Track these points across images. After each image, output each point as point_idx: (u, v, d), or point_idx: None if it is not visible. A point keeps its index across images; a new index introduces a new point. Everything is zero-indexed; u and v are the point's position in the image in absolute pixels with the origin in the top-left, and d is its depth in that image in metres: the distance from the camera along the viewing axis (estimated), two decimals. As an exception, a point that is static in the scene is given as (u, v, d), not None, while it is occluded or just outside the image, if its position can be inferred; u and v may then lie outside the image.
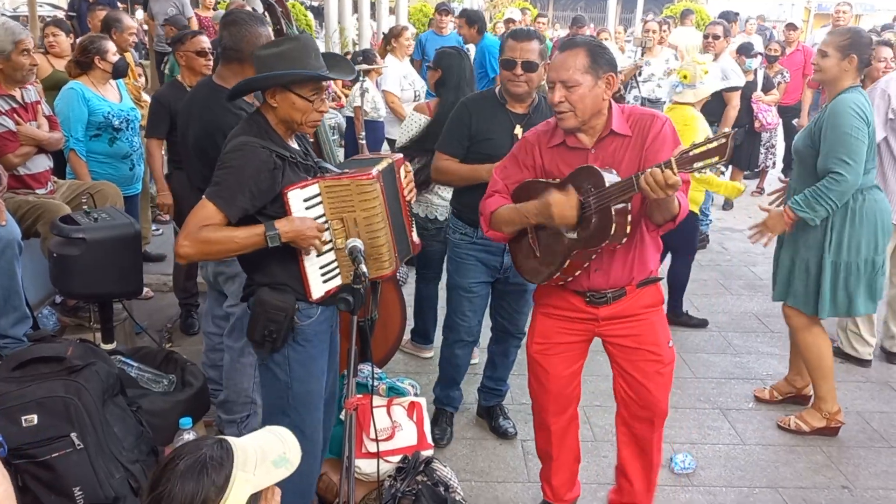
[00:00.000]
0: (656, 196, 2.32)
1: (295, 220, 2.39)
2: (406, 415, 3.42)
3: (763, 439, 3.87)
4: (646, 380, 2.84)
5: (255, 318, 2.51)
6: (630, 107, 2.72)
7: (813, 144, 3.59)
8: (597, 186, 2.46)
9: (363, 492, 3.16)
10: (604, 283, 2.74)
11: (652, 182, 2.29)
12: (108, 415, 2.78)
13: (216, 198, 2.34)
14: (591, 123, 2.61)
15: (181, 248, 2.34)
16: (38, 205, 3.96)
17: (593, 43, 2.62)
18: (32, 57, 4.07)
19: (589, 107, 2.55)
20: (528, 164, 2.76)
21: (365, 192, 2.46)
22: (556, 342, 2.91)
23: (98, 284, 3.56)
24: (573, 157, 2.65)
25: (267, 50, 2.44)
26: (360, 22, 13.35)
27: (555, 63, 2.59)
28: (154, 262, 5.69)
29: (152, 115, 4.44)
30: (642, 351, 2.82)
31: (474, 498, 3.33)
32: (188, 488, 1.42)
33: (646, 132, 2.61)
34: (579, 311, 2.83)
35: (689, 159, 2.27)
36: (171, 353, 3.56)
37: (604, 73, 2.54)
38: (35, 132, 4.07)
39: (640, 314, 2.82)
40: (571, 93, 2.52)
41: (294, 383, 2.59)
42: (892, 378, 4.52)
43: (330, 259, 2.52)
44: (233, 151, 2.37)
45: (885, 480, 3.54)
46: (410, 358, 4.65)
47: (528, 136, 2.81)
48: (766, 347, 4.92)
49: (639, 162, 2.58)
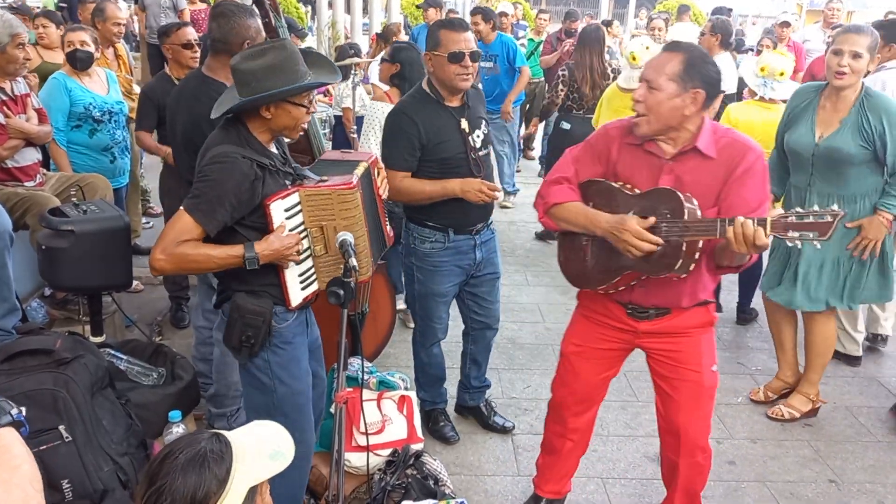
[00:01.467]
0: (739, 251, 2.25)
1: (274, 241, 2.36)
2: (396, 408, 3.43)
3: (751, 433, 3.89)
4: (678, 402, 2.73)
5: (231, 323, 2.48)
6: (725, 128, 2.56)
7: (868, 144, 3.53)
8: (674, 214, 2.35)
9: (353, 485, 3.16)
10: (644, 300, 2.63)
11: (741, 236, 2.21)
12: (97, 407, 2.77)
13: (195, 211, 2.29)
14: (671, 135, 2.48)
15: (156, 262, 2.29)
16: (27, 197, 3.93)
17: (696, 53, 2.46)
18: (27, 51, 4.05)
19: (664, 115, 2.42)
20: (604, 156, 2.61)
21: (346, 201, 2.46)
22: (593, 347, 2.81)
23: (87, 277, 3.55)
24: (648, 163, 2.52)
25: (253, 62, 2.35)
26: (352, 16, 13.31)
27: (651, 61, 2.50)
28: (144, 256, 5.64)
29: (140, 108, 4.42)
30: (681, 369, 2.70)
31: (464, 491, 3.33)
32: (190, 481, 1.41)
33: (735, 161, 2.45)
34: (619, 322, 2.73)
35: (787, 226, 2.19)
36: (161, 347, 3.56)
37: (693, 87, 2.39)
38: (24, 125, 4.04)
39: (684, 333, 2.69)
40: (651, 95, 2.42)
41: (277, 386, 2.57)
42: (879, 373, 4.55)
43: (308, 266, 2.52)
44: (213, 164, 2.31)
45: (872, 474, 3.57)
46: (401, 352, 4.64)
47: (611, 129, 2.65)
48: (756, 342, 4.95)
49: (718, 190, 2.45)
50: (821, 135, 3.63)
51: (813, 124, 3.67)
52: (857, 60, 3.47)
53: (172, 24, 4.64)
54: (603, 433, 3.80)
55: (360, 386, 3.25)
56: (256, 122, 2.42)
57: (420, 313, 3.60)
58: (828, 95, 3.64)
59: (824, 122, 3.64)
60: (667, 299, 2.62)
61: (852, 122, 3.55)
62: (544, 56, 9.05)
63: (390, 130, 3.28)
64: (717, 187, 2.46)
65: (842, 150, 3.57)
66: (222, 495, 1.42)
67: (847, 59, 3.48)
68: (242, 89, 2.37)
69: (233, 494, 1.43)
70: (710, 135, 2.49)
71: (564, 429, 2.99)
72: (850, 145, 3.55)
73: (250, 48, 2.49)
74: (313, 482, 3.16)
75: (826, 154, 3.62)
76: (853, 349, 4.60)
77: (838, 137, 3.57)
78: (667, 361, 2.73)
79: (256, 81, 2.34)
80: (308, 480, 2.98)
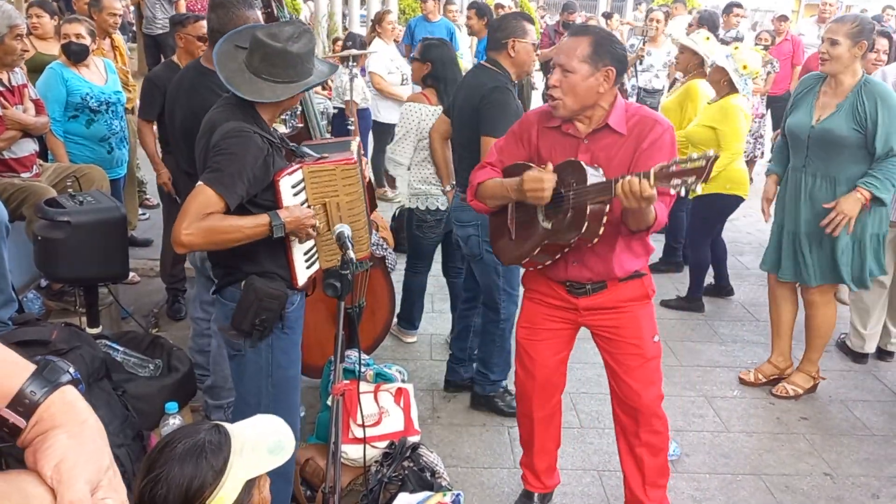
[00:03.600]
0: (629, 205, 2.34)
1: (294, 209, 2.37)
2: (393, 401, 3.43)
3: (747, 427, 3.90)
4: (626, 373, 2.83)
5: (245, 306, 2.44)
6: (637, 106, 2.69)
7: (861, 128, 3.65)
8: (579, 182, 2.47)
9: (350, 477, 3.16)
10: (580, 275, 2.74)
11: (628, 190, 2.30)
12: (93, 399, 2.76)
13: (217, 184, 2.25)
14: (587, 114, 2.60)
15: (185, 237, 2.21)
16: (24, 188, 3.92)
17: (602, 34, 2.59)
18: (24, 42, 4.03)
19: (581, 96, 2.53)
20: (525, 141, 2.75)
21: (349, 176, 2.48)
22: (541, 328, 2.91)
23: (83, 268, 3.54)
24: (566, 144, 2.65)
25: (298, 45, 2.36)
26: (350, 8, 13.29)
27: (561, 45, 2.62)
28: (141, 247, 5.65)
29: (145, 95, 4.36)
30: (623, 343, 2.82)
31: (460, 483, 3.34)
32: (187, 471, 1.42)
33: (643, 135, 2.57)
34: (561, 300, 2.84)
35: (668, 174, 2.26)
36: (157, 338, 3.55)
37: (604, 65, 2.51)
38: (21, 116, 4.03)
39: (622, 307, 2.80)
40: (566, 78, 2.52)
41: (275, 371, 2.57)
42: (875, 367, 4.56)
43: (311, 245, 2.54)
44: (231, 137, 2.30)
45: (867, 468, 3.58)
46: (398, 345, 4.65)
47: (530, 115, 2.81)
48: (752, 336, 4.96)
49: (629, 163, 2.56)
50: (818, 118, 3.80)
51: (812, 108, 3.84)
52: (835, 47, 3.66)
53: (189, 15, 4.61)
54: (599, 426, 3.81)
55: (357, 378, 3.25)
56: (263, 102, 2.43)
57: (505, 286, 3.68)
58: (828, 82, 3.82)
59: (822, 107, 3.81)
60: (600, 272, 2.72)
61: (848, 106, 3.70)
62: (542, 49, 9.03)
63: (501, 104, 3.41)
64: (629, 160, 2.57)
65: (834, 132, 3.72)
66: (218, 487, 1.42)
67: (826, 45, 3.70)
68: (288, 71, 2.36)
69: (228, 486, 1.43)
70: (621, 112, 2.61)
71: (532, 422, 3.05)
72: (842, 128, 3.69)
73: (277, 27, 2.44)
74: (310, 474, 3.17)
75: (820, 135, 3.77)
76: (859, 345, 4.59)
77: (833, 120, 3.73)
78: (610, 336, 2.84)
79: (302, 64, 2.37)
80: (302, 469, 2.99)
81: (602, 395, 4.00)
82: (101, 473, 0.98)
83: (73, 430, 0.99)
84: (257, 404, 2.57)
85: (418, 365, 4.39)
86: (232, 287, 2.52)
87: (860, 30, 3.65)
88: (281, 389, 2.61)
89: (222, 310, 2.60)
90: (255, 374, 2.58)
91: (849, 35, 3.64)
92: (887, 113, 3.60)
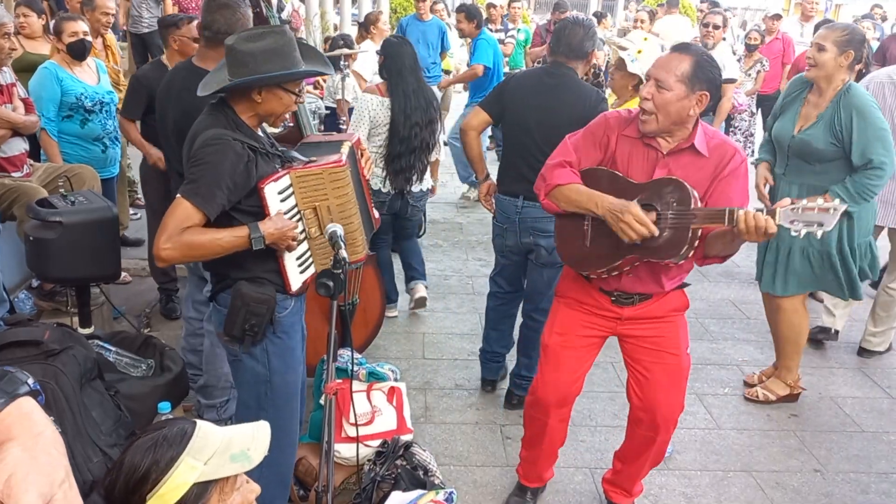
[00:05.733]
0: (748, 239, 2.36)
1: (276, 220, 2.35)
2: (386, 400, 3.44)
3: (738, 424, 3.92)
4: (657, 384, 2.80)
5: (234, 312, 2.44)
6: (713, 130, 2.69)
7: (838, 142, 3.60)
8: (681, 203, 2.44)
9: (343, 476, 3.17)
10: (631, 287, 2.71)
11: (752, 224, 2.32)
12: (86, 399, 2.76)
13: (194, 196, 2.25)
14: (672, 131, 2.57)
15: (163, 252, 2.23)
16: (14, 188, 3.91)
17: (704, 56, 2.55)
18: (12, 41, 4.02)
19: (672, 115, 2.51)
20: (603, 144, 2.69)
21: (337, 178, 2.45)
22: (576, 335, 2.86)
23: (75, 268, 3.53)
24: (645, 155, 2.62)
25: (254, 44, 2.33)
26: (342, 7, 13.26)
27: (659, 60, 2.58)
28: (132, 247, 5.63)
29: (130, 94, 4.33)
30: (661, 353, 2.79)
31: (453, 482, 3.35)
32: (135, 460, 1.42)
33: (725, 161, 2.57)
34: (603, 309, 2.80)
35: (793, 218, 2.30)
36: (150, 338, 3.55)
37: (699, 89, 2.49)
38: (10, 115, 4.01)
39: (664, 317, 2.78)
40: (660, 94, 2.49)
41: (273, 377, 2.56)
42: (864, 364, 4.59)
43: (304, 249, 2.51)
44: (206, 146, 2.28)
45: (856, 464, 3.61)
46: (391, 343, 4.66)
47: (610, 119, 2.73)
48: (743, 334, 4.99)
49: (707, 187, 2.56)
50: (800, 127, 3.76)
51: (796, 116, 3.80)
52: (821, 53, 3.61)
53: (182, 17, 4.60)
54: (591, 423, 3.83)
55: (349, 377, 3.26)
56: (244, 106, 2.40)
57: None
58: (814, 90, 3.75)
59: (805, 116, 3.76)
60: (653, 285, 2.71)
61: (827, 118, 3.64)
62: (533, 48, 9.04)
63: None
64: (705, 184, 2.56)
65: (811, 145, 3.68)
66: (161, 482, 1.41)
67: (812, 50, 3.66)
68: (238, 70, 2.34)
69: (172, 483, 1.41)
70: (703, 135, 2.59)
71: (546, 425, 3.02)
72: (819, 141, 3.65)
73: (249, 30, 2.46)
74: (303, 473, 3.18)
75: (799, 147, 3.75)
76: (829, 322, 4.71)
77: (811, 132, 3.70)
78: (647, 346, 2.81)
79: (255, 63, 2.32)
80: (295, 468, 3.00)
81: (594, 394, 4.03)
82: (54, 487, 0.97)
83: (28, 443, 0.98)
84: (258, 408, 2.56)
85: (411, 364, 4.40)
86: (224, 293, 2.51)
87: (848, 39, 3.59)
88: (280, 395, 2.59)
89: (217, 316, 2.59)
90: (253, 379, 2.57)
91: (836, 43, 3.58)
92: (863, 125, 3.53)
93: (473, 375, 4.23)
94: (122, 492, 1.42)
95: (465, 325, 4.91)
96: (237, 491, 1.50)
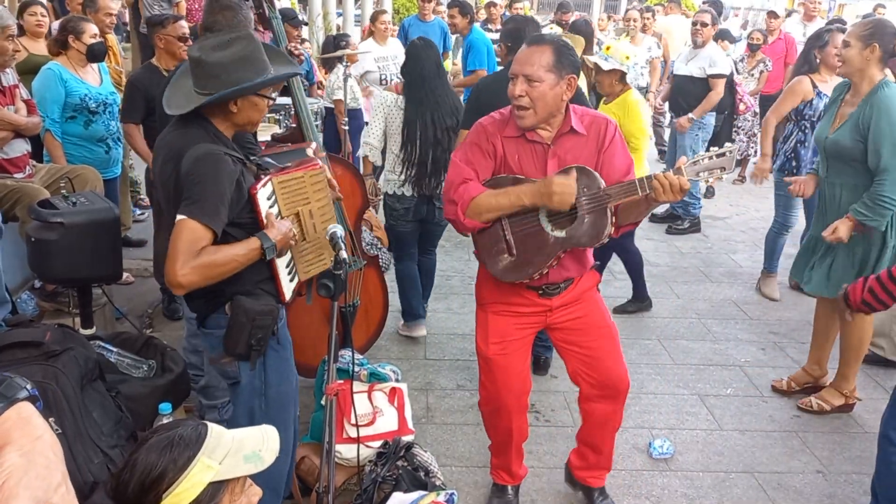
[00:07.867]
0: (666, 199, 2.44)
1: (279, 225, 2.33)
2: (387, 400, 3.44)
3: (740, 425, 3.92)
4: (602, 357, 2.87)
5: (238, 328, 2.35)
6: (581, 108, 2.75)
7: (864, 140, 3.57)
8: (590, 187, 2.52)
9: (344, 476, 3.17)
10: (557, 276, 2.77)
11: (667, 185, 2.41)
12: (87, 400, 2.76)
13: (200, 214, 2.16)
14: (549, 120, 2.63)
15: (182, 278, 2.12)
16: (17, 188, 3.92)
17: (560, 42, 2.63)
18: (16, 42, 4.03)
19: (550, 104, 2.58)
20: (490, 151, 2.70)
21: (318, 181, 2.45)
22: (512, 339, 2.89)
23: (77, 269, 3.54)
24: (532, 151, 2.69)
25: (221, 53, 2.26)
26: (345, 7, 13.27)
27: (520, 56, 2.60)
28: (135, 248, 5.65)
29: (127, 99, 4.38)
30: (593, 328, 2.88)
31: (454, 483, 3.35)
32: (150, 459, 1.42)
33: (602, 134, 2.67)
34: (532, 305, 2.83)
35: (698, 169, 2.44)
36: (151, 339, 3.54)
37: (566, 74, 2.57)
38: (13, 117, 4.02)
39: (583, 296, 2.87)
40: (533, 88, 2.54)
41: (269, 390, 2.53)
42: (866, 365, 4.57)
43: (289, 258, 2.49)
44: (202, 163, 2.20)
45: (859, 465, 3.60)
46: (392, 343, 4.66)
47: (486, 125, 2.73)
48: (745, 334, 4.98)
49: (595, 161, 2.65)
50: (834, 128, 3.76)
51: (832, 117, 3.80)
52: (847, 49, 3.63)
53: (168, 16, 4.62)
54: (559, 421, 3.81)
55: (350, 378, 3.26)
56: (220, 117, 2.34)
57: None
58: (851, 90, 3.77)
59: (841, 116, 3.76)
60: (577, 268, 2.81)
61: (855, 116, 3.63)
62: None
63: None
64: (593, 159, 2.66)
65: (840, 144, 3.68)
66: (177, 481, 1.42)
67: (840, 48, 3.70)
68: (209, 82, 2.27)
69: (188, 483, 1.42)
70: (576, 115, 2.68)
71: (511, 429, 3.03)
72: (847, 140, 3.64)
73: (209, 38, 2.38)
74: (304, 473, 3.18)
75: (832, 147, 3.75)
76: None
77: (841, 131, 3.69)
78: (580, 327, 2.87)
79: (227, 74, 2.25)
80: (297, 467, 2.99)
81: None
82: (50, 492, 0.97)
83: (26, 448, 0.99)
84: (250, 422, 2.50)
85: (412, 364, 4.40)
86: (215, 314, 2.44)
87: (871, 32, 3.56)
88: (274, 407, 2.56)
89: (208, 340, 2.50)
90: (249, 394, 2.54)
91: (860, 37, 3.56)
92: (882, 126, 3.49)
93: (475, 376, 4.21)
94: (135, 491, 1.42)
95: (467, 325, 4.90)
96: (244, 491, 1.52)
